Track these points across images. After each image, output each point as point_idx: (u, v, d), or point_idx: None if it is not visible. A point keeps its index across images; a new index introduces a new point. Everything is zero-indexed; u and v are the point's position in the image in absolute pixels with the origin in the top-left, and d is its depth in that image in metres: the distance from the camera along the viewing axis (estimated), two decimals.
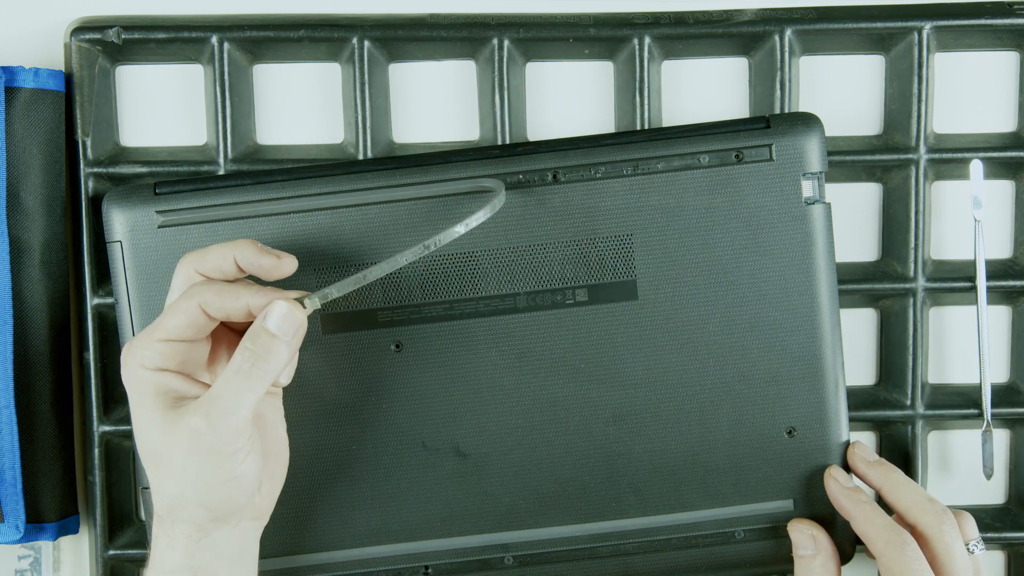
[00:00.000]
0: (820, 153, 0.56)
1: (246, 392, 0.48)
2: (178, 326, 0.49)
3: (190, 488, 0.48)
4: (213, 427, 0.47)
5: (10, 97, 0.59)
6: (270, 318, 0.49)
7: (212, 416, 0.47)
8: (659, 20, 0.61)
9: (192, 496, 0.48)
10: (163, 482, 0.49)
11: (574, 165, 0.56)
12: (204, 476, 0.48)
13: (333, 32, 0.61)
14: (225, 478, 0.48)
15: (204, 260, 0.50)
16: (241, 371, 0.48)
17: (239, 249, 0.50)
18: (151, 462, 0.49)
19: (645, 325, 0.57)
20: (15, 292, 0.60)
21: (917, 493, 0.55)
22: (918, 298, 0.62)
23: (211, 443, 0.47)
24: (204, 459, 0.47)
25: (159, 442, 0.48)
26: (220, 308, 0.49)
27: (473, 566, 0.58)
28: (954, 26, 0.61)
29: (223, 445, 0.47)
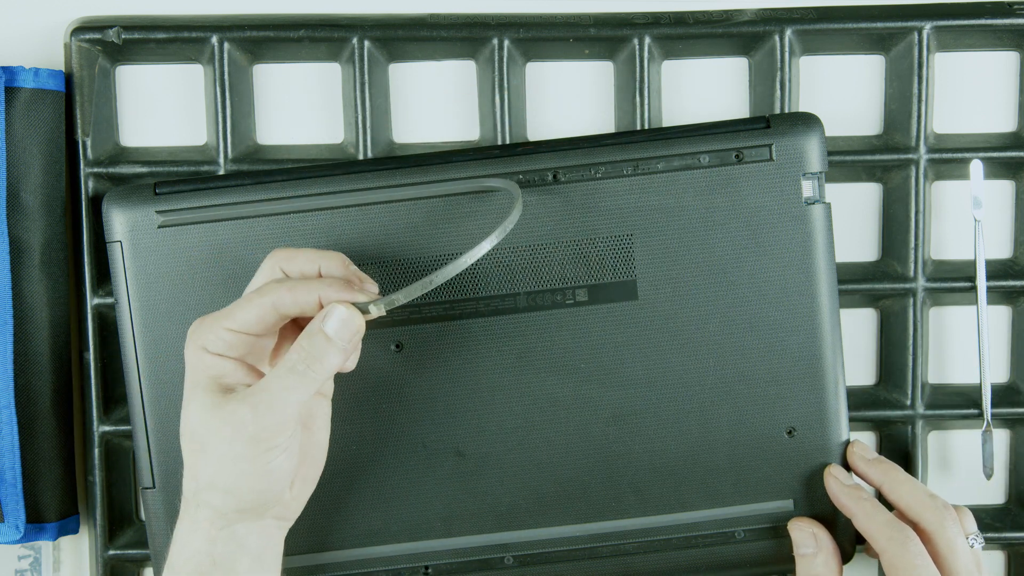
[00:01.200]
0: (820, 153, 0.56)
1: (295, 390, 0.48)
2: (247, 320, 0.49)
3: (223, 475, 0.48)
4: (257, 418, 0.47)
5: (10, 97, 0.59)
6: (328, 321, 0.48)
7: (258, 408, 0.47)
8: (659, 20, 0.61)
9: (223, 483, 0.48)
10: (197, 465, 0.49)
11: (574, 165, 0.56)
12: (239, 465, 0.48)
13: (333, 32, 0.61)
14: (259, 471, 0.48)
15: (292, 262, 0.50)
16: (294, 370, 0.48)
17: (326, 260, 0.50)
18: (189, 443, 0.49)
19: (645, 325, 0.57)
20: (15, 292, 0.60)
21: (917, 489, 0.55)
22: (918, 298, 0.62)
23: (252, 434, 0.47)
24: (242, 448, 0.47)
25: (201, 425, 0.48)
26: (294, 303, 0.49)
27: (473, 566, 0.58)
28: (954, 26, 0.61)
29: (263, 438, 0.48)
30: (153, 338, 0.56)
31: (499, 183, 0.55)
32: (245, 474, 0.48)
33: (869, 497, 0.55)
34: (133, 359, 0.57)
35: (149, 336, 0.56)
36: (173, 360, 0.57)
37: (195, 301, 0.56)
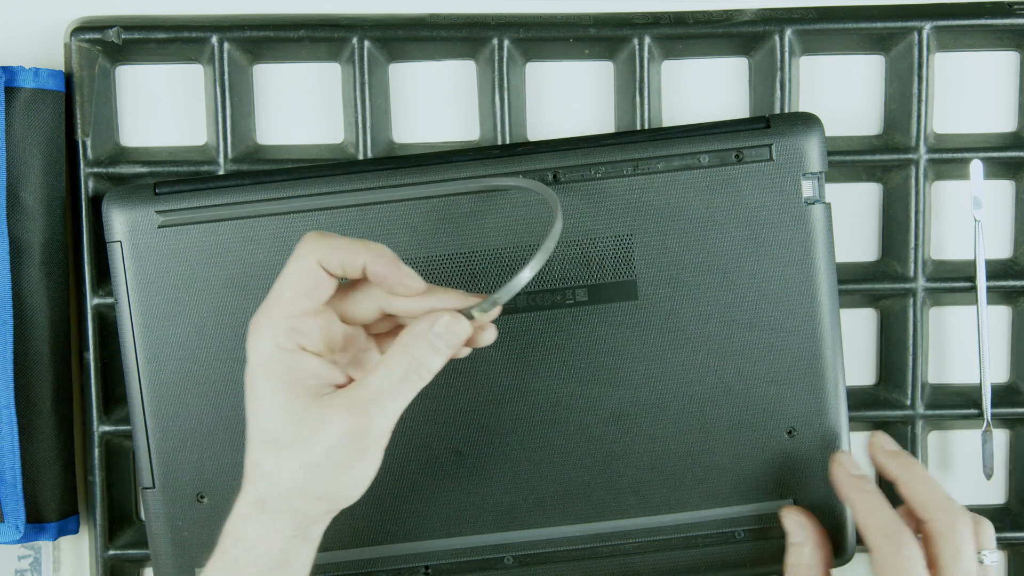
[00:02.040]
0: (820, 153, 0.56)
1: (401, 397, 0.47)
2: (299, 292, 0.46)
3: (318, 482, 0.46)
4: (367, 428, 0.46)
5: (10, 97, 0.59)
6: (438, 327, 0.47)
7: (365, 416, 0.46)
8: (659, 20, 0.61)
9: (317, 490, 0.47)
10: (284, 471, 0.46)
11: (574, 165, 0.56)
12: (338, 472, 0.46)
13: (333, 32, 0.61)
14: (356, 477, 0.47)
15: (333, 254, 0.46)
16: (404, 373, 0.46)
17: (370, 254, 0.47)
18: (272, 448, 0.46)
19: (645, 325, 0.57)
20: (15, 292, 0.60)
21: (935, 488, 0.52)
22: (918, 298, 0.62)
23: (358, 443, 0.46)
24: (345, 456, 0.46)
25: (290, 431, 0.46)
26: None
27: (473, 566, 0.58)
28: (954, 26, 0.61)
29: (368, 445, 0.46)
30: (153, 338, 0.56)
31: (513, 182, 0.55)
32: (341, 479, 0.47)
33: (874, 490, 0.53)
34: (133, 359, 0.57)
35: (149, 336, 0.56)
36: (173, 360, 0.57)
37: (195, 301, 0.56)
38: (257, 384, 0.47)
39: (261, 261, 0.56)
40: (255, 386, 0.47)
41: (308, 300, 0.46)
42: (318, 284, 0.47)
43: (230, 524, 0.48)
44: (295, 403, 0.46)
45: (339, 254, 0.46)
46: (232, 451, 0.57)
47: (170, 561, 0.58)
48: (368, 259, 0.46)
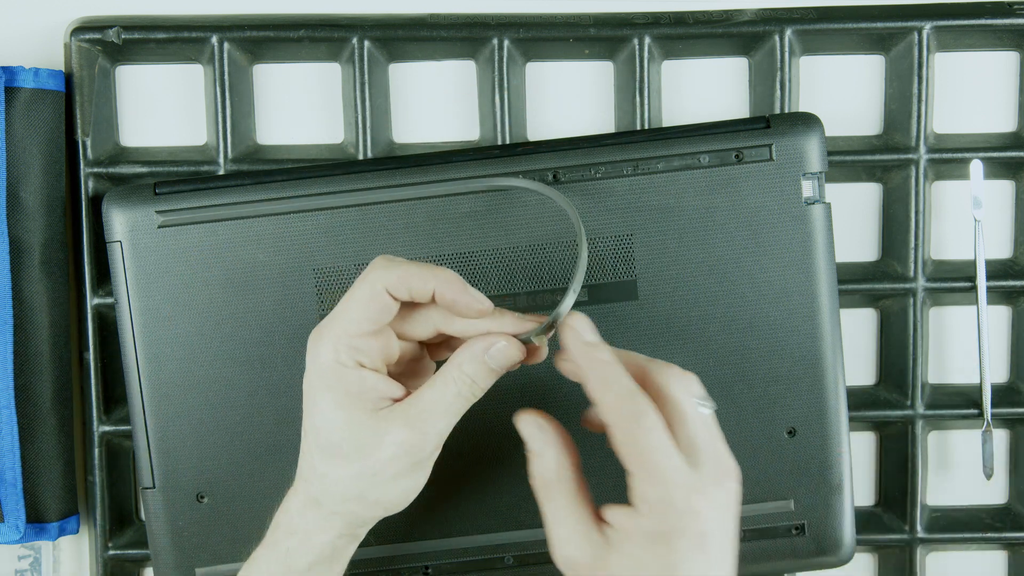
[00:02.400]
0: (820, 153, 0.56)
1: (454, 414, 0.48)
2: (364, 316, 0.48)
3: (375, 490, 0.49)
4: (423, 441, 0.48)
5: (10, 97, 0.59)
6: (493, 352, 0.48)
7: (421, 431, 0.48)
8: (659, 20, 0.61)
9: (372, 496, 0.49)
10: (343, 478, 0.48)
11: (574, 165, 0.56)
12: (394, 482, 0.49)
13: (333, 32, 0.61)
14: (409, 486, 0.49)
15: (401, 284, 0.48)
16: (459, 395, 0.48)
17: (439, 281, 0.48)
18: (332, 456, 0.48)
19: (645, 325, 0.57)
20: (15, 292, 0.60)
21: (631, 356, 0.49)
22: (918, 298, 0.62)
23: (414, 455, 0.48)
24: (402, 467, 0.48)
25: (350, 441, 0.48)
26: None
27: (473, 566, 0.58)
28: (954, 26, 0.61)
29: (422, 458, 0.48)
30: (153, 338, 0.56)
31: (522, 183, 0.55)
32: (395, 488, 0.49)
33: (612, 360, 0.47)
34: (133, 359, 0.57)
35: (149, 336, 0.56)
36: (173, 360, 0.57)
37: (195, 301, 0.56)
38: (317, 395, 0.49)
39: (261, 261, 0.56)
40: (315, 396, 0.49)
41: (371, 323, 0.48)
42: (383, 309, 0.48)
43: (283, 517, 0.51)
44: (354, 415, 0.48)
45: (408, 282, 0.48)
46: (232, 451, 0.57)
47: (170, 561, 0.58)
48: (437, 286, 0.48)
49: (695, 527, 0.45)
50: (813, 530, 0.58)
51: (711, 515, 0.45)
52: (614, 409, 0.46)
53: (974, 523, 0.64)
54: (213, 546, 0.57)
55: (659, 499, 0.45)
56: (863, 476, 0.65)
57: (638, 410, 0.46)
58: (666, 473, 0.45)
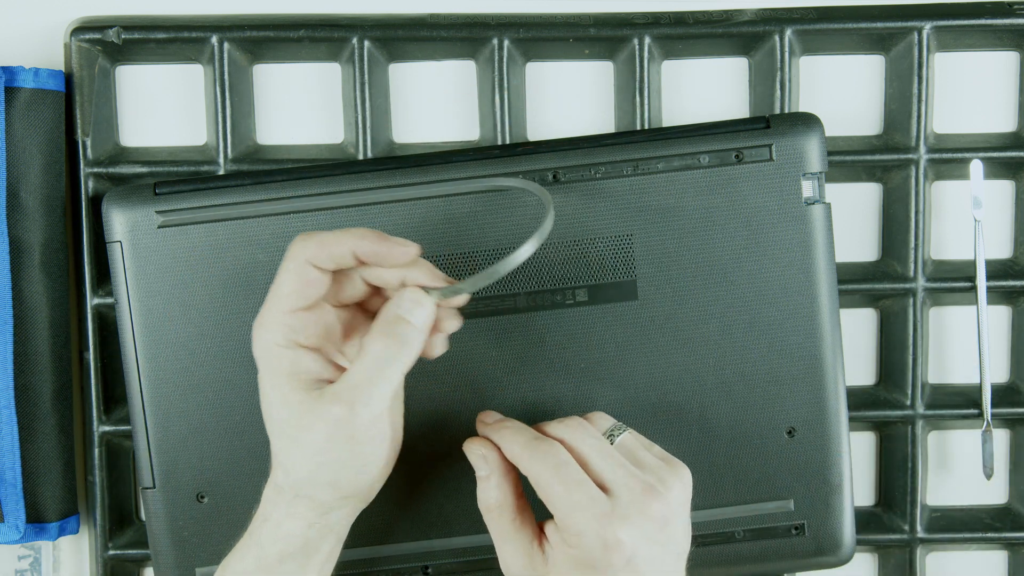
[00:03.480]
0: (820, 153, 0.56)
1: (385, 381, 0.48)
2: (292, 291, 0.48)
3: (324, 470, 0.48)
4: (355, 415, 0.47)
5: (10, 97, 0.59)
6: (404, 305, 0.48)
7: (354, 404, 0.47)
8: (659, 20, 0.61)
9: (325, 478, 0.49)
10: (295, 460, 0.49)
11: (574, 165, 0.56)
12: (341, 461, 0.48)
13: (333, 32, 0.61)
14: (361, 464, 0.49)
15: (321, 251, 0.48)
16: (380, 359, 0.48)
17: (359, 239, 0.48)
18: (282, 439, 0.49)
19: (645, 325, 0.57)
20: (15, 292, 0.60)
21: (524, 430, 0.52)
22: (918, 298, 0.62)
23: (352, 431, 0.48)
24: (343, 445, 0.48)
25: (295, 424, 0.48)
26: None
27: (473, 566, 0.58)
28: (954, 26, 0.61)
29: (362, 432, 0.48)
30: (153, 338, 0.56)
31: (515, 182, 0.55)
32: (348, 469, 0.49)
33: (512, 424, 0.53)
34: (133, 359, 0.57)
35: (149, 336, 0.56)
36: (173, 360, 0.57)
37: (195, 301, 0.56)
38: (263, 381, 0.49)
39: (261, 261, 0.56)
40: (262, 383, 0.49)
41: (301, 298, 0.48)
42: (310, 282, 0.48)
43: (259, 507, 0.51)
44: (292, 396, 0.48)
45: (328, 248, 0.48)
46: (232, 451, 0.57)
47: (170, 561, 0.58)
48: (353, 243, 0.48)
49: (620, 555, 0.48)
50: (813, 530, 0.58)
51: (635, 541, 0.48)
52: (525, 456, 0.50)
53: (974, 523, 0.64)
54: (213, 546, 0.57)
55: (578, 531, 0.48)
56: (863, 476, 0.65)
57: (547, 450, 0.49)
58: (580, 505, 0.48)
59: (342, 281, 0.50)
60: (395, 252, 0.48)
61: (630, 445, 0.52)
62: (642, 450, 0.52)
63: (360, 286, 0.50)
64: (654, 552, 0.48)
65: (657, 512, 0.49)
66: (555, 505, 0.49)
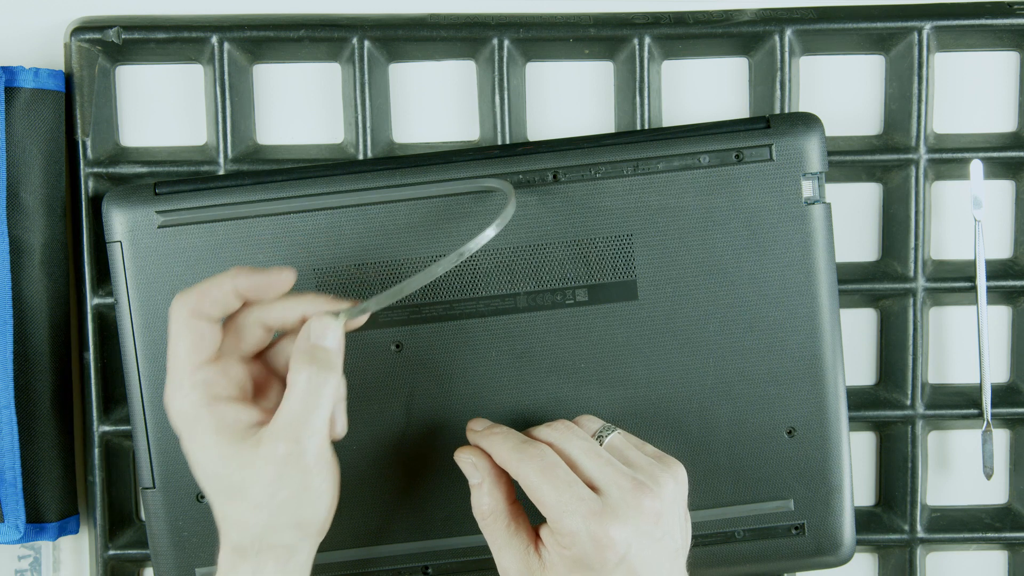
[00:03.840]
0: (820, 153, 0.56)
1: (322, 407, 0.48)
2: (188, 347, 0.48)
3: (281, 513, 0.48)
4: (303, 448, 0.47)
5: (10, 97, 0.59)
6: (315, 333, 0.48)
7: (300, 438, 0.47)
8: (659, 20, 0.61)
9: (285, 520, 0.48)
10: (246, 514, 0.48)
11: (574, 165, 0.56)
12: (296, 498, 0.48)
13: (333, 32, 0.61)
14: (315, 496, 0.48)
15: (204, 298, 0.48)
16: (310, 387, 0.47)
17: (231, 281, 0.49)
18: (228, 497, 0.48)
19: (645, 325, 0.57)
20: (15, 292, 0.60)
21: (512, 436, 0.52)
22: (918, 298, 0.62)
23: (303, 464, 0.47)
24: (297, 481, 0.47)
25: (237, 476, 0.48)
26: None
27: (473, 566, 0.58)
28: (954, 26, 0.61)
29: (310, 465, 0.48)
30: (153, 338, 0.56)
31: (495, 183, 0.55)
32: (304, 504, 0.48)
33: (501, 429, 0.53)
34: (133, 359, 0.57)
35: (149, 336, 0.56)
36: None
37: None
38: (191, 446, 0.49)
39: (261, 261, 0.56)
40: (191, 449, 0.49)
41: (199, 352, 0.48)
42: (201, 334, 0.48)
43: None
44: (227, 450, 0.48)
45: (207, 294, 0.48)
46: None
47: (170, 561, 0.58)
48: (230, 282, 0.48)
49: (613, 553, 0.48)
50: (813, 530, 0.58)
51: (628, 538, 0.48)
52: (513, 459, 0.50)
53: (974, 523, 0.64)
54: (213, 546, 0.57)
55: (572, 533, 0.48)
56: (863, 476, 0.65)
57: (536, 450, 0.50)
58: (571, 505, 0.48)
59: (241, 331, 0.50)
60: (274, 280, 0.49)
61: (619, 445, 0.52)
62: (632, 449, 0.52)
63: (259, 333, 0.50)
64: (649, 549, 0.49)
65: (649, 508, 0.49)
66: (546, 506, 0.49)
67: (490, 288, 0.56)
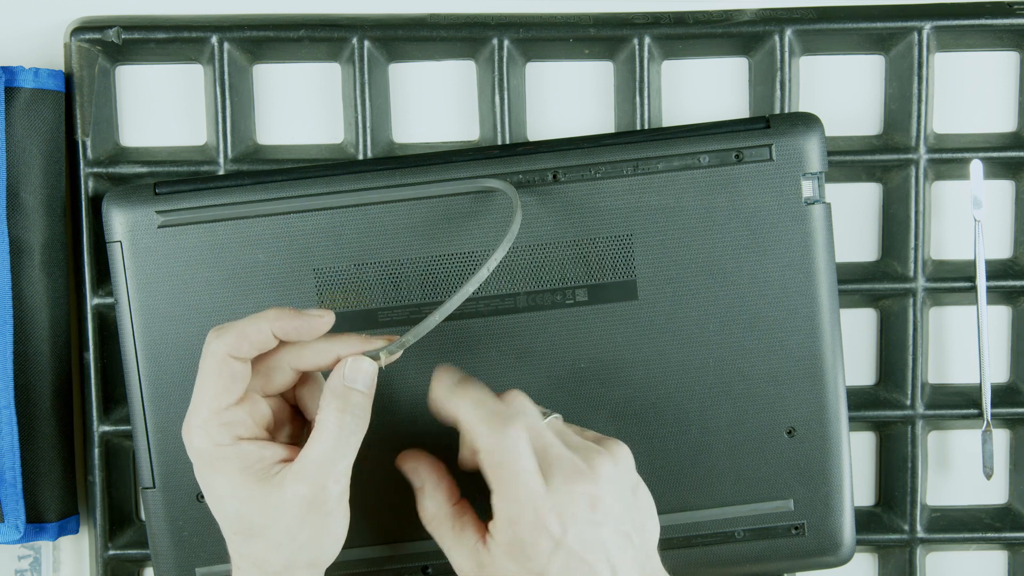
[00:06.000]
0: (820, 153, 0.56)
1: (347, 452, 0.48)
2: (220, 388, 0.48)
3: (300, 553, 0.48)
4: (326, 492, 0.48)
5: (10, 97, 0.59)
6: (349, 375, 0.49)
7: (324, 482, 0.48)
8: (659, 20, 0.61)
9: (302, 559, 0.49)
10: (266, 554, 0.48)
11: (574, 165, 0.56)
12: (317, 538, 0.48)
13: (333, 32, 0.61)
14: (336, 535, 0.49)
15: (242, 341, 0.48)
16: (340, 431, 0.48)
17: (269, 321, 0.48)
18: (247, 536, 0.49)
19: (645, 325, 0.57)
20: (15, 292, 0.60)
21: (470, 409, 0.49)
22: (918, 298, 0.62)
23: (323, 508, 0.48)
24: (318, 521, 0.48)
25: (259, 517, 0.48)
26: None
27: None
28: (954, 26, 0.61)
29: (332, 508, 0.48)
30: (153, 338, 0.56)
31: (495, 183, 0.55)
32: (325, 543, 0.49)
33: (478, 386, 0.50)
34: (133, 359, 0.57)
35: (149, 336, 0.56)
36: (173, 360, 0.57)
37: (195, 301, 0.56)
38: (210, 482, 0.49)
39: (261, 261, 0.56)
40: (210, 484, 0.49)
41: (229, 393, 0.48)
42: (234, 375, 0.48)
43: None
44: (252, 491, 0.48)
45: (245, 336, 0.48)
46: None
47: (170, 561, 0.58)
48: (270, 325, 0.48)
49: (547, 538, 0.47)
50: (813, 530, 0.58)
51: (564, 525, 0.47)
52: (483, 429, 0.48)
53: (974, 523, 0.64)
54: (213, 546, 0.57)
55: (510, 516, 0.47)
56: (863, 476, 0.65)
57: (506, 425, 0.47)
58: (517, 491, 0.47)
59: (270, 371, 0.50)
60: (314, 324, 0.49)
61: (558, 428, 0.51)
62: (571, 434, 0.51)
63: (288, 374, 0.50)
64: (588, 533, 0.47)
65: (582, 493, 0.47)
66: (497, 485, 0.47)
67: (490, 288, 0.56)
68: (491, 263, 0.51)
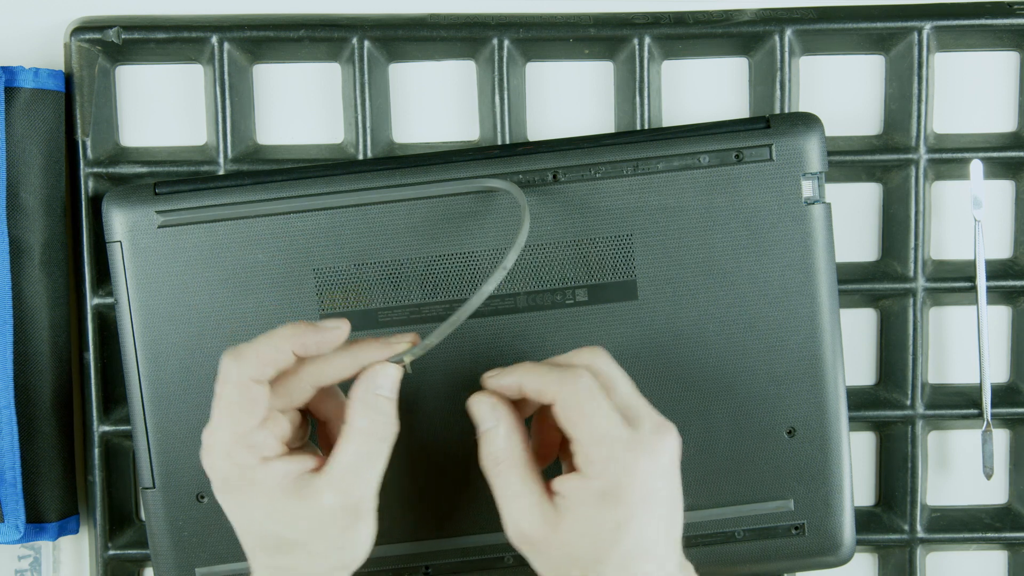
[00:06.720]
0: (820, 153, 0.56)
1: (379, 458, 0.48)
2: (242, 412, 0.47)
3: (333, 559, 0.48)
4: (356, 501, 0.48)
5: (10, 97, 0.59)
6: (376, 381, 0.49)
7: (353, 491, 0.48)
8: (659, 20, 0.61)
9: (335, 564, 0.49)
10: (300, 564, 0.48)
11: (574, 165, 0.56)
12: (349, 545, 0.48)
13: (333, 32, 0.61)
14: (366, 537, 0.49)
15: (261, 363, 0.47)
16: (370, 438, 0.48)
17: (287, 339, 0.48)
18: (278, 551, 0.48)
19: (645, 325, 0.57)
20: (15, 292, 0.60)
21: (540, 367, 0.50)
22: (918, 298, 0.62)
23: (354, 515, 0.48)
24: (348, 530, 0.48)
25: (294, 530, 0.48)
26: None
27: (473, 566, 0.58)
28: (954, 26, 0.61)
29: (364, 511, 0.48)
30: (153, 338, 0.56)
31: (496, 183, 0.55)
32: (356, 546, 0.49)
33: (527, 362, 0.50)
34: (133, 359, 0.57)
35: (149, 336, 0.56)
36: (173, 360, 0.57)
37: (195, 301, 0.56)
38: (239, 504, 0.49)
39: (261, 261, 0.56)
40: (239, 507, 0.49)
41: (252, 417, 0.48)
42: (255, 398, 0.48)
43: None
44: (286, 506, 0.48)
45: (264, 357, 0.47)
46: None
47: (170, 561, 0.58)
48: (287, 343, 0.48)
49: (641, 484, 0.46)
50: (813, 530, 0.58)
51: (655, 472, 0.47)
52: (552, 382, 0.48)
53: (974, 523, 0.64)
54: (213, 546, 0.57)
55: (604, 459, 0.46)
56: (863, 476, 0.65)
57: (574, 375, 0.47)
58: (609, 433, 0.47)
59: (291, 388, 0.49)
60: (332, 336, 0.48)
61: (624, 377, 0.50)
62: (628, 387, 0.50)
63: (308, 390, 0.50)
64: (667, 489, 0.48)
65: (671, 447, 0.48)
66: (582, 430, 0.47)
67: None
68: (507, 262, 0.50)
